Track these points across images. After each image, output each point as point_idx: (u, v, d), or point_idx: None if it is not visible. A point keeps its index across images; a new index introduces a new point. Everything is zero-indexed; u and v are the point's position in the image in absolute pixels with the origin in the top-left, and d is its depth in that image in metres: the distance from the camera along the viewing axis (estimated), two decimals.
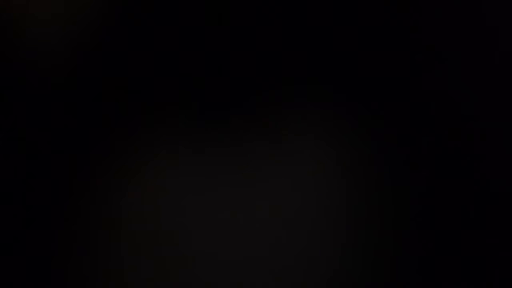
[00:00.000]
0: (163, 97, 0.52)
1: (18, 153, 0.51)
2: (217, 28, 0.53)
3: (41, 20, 0.54)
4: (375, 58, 0.53)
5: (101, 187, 0.50)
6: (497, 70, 0.53)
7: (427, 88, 0.52)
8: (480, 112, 0.52)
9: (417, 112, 0.52)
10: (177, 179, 0.50)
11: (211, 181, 0.50)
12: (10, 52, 0.53)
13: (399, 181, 0.51)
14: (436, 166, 0.51)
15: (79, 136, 0.51)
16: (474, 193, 0.50)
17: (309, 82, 0.52)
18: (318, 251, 0.49)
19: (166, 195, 0.50)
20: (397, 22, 0.53)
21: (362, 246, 0.49)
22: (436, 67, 0.53)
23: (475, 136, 0.51)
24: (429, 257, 0.49)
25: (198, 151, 0.50)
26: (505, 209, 0.50)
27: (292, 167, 0.51)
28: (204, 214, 0.50)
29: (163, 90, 0.52)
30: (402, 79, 0.53)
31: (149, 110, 0.52)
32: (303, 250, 0.49)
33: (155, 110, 0.52)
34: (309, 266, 0.49)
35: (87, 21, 0.53)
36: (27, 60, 0.53)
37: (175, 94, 0.52)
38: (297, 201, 0.50)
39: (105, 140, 0.51)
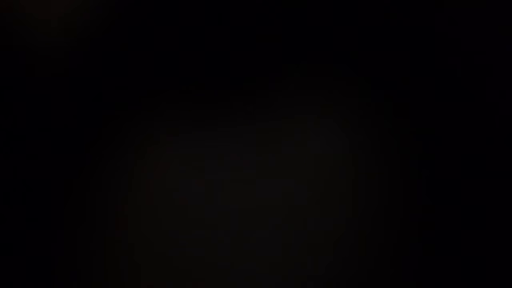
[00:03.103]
0: (162, 79, 0.52)
1: (18, 153, 0.51)
2: (217, 12, 0.53)
3: (41, 20, 0.54)
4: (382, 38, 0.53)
5: (103, 176, 0.50)
6: (499, 70, 0.53)
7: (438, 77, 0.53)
8: (483, 110, 0.52)
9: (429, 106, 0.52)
10: (177, 160, 0.50)
11: (212, 161, 0.51)
12: (10, 52, 0.53)
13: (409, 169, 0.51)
14: (440, 159, 0.51)
15: (80, 129, 0.51)
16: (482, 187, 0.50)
17: (311, 59, 0.52)
18: (328, 226, 0.49)
19: (167, 176, 0.50)
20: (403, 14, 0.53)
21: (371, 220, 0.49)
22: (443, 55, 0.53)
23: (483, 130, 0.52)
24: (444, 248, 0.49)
25: (199, 129, 0.50)
26: (505, 209, 0.50)
27: (294, 145, 0.51)
28: (205, 190, 0.50)
29: (161, 71, 0.52)
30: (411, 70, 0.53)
31: (148, 93, 0.52)
32: (311, 226, 0.49)
33: (154, 92, 0.52)
34: (317, 244, 0.49)
35: (87, 21, 0.53)
36: (26, 60, 0.53)
37: (174, 75, 0.52)
38: (300, 180, 0.50)
39: (104, 123, 0.51)
